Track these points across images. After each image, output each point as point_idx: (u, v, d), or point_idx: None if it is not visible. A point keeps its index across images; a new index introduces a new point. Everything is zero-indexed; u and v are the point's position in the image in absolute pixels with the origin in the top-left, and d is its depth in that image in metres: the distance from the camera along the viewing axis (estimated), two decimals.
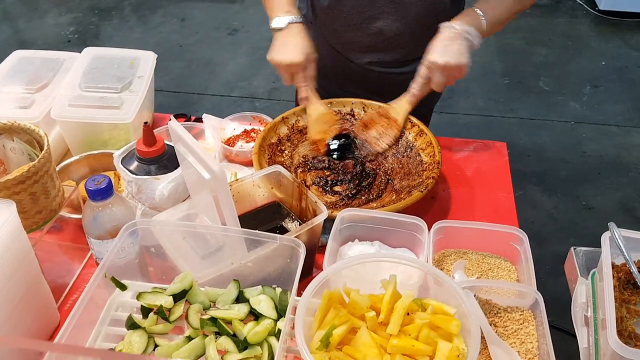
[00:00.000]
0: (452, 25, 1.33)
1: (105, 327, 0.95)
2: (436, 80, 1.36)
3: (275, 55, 1.41)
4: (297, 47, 1.38)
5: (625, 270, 1.04)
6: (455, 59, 1.31)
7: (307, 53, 1.39)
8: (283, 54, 1.39)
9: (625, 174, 3.08)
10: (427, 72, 1.37)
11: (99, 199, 1.04)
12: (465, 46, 1.32)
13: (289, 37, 1.39)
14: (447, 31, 1.34)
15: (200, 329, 0.91)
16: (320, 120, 1.47)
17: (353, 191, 1.40)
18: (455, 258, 1.23)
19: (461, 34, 1.32)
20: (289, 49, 1.38)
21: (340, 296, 0.92)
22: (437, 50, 1.33)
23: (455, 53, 1.31)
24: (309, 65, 1.42)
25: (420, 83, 1.39)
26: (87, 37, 4.30)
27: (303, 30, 1.40)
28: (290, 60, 1.38)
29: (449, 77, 1.35)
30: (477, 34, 1.33)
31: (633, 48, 4.12)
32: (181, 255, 1.02)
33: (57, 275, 1.23)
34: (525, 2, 1.42)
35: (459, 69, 1.33)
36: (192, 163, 1.00)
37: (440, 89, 1.39)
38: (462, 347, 0.84)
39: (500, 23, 1.41)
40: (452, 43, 1.32)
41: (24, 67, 1.57)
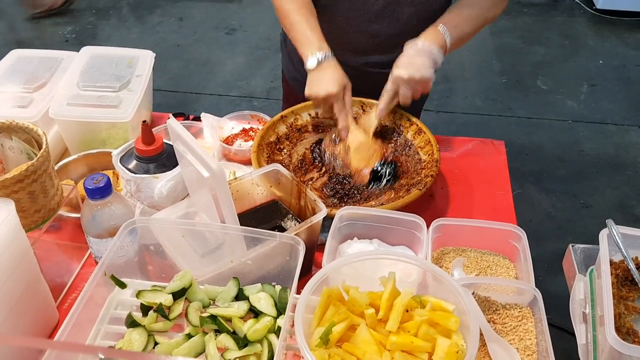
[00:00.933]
0: (416, 43, 1.39)
1: (105, 325, 0.95)
2: (402, 94, 1.41)
3: (312, 90, 1.43)
4: (333, 79, 1.41)
5: (623, 267, 1.05)
6: (419, 72, 1.36)
7: (342, 83, 1.42)
8: (319, 87, 1.41)
9: (623, 172, 3.08)
10: (393, 86, 1.41)
11: (97, 198, 1.04)
12: (428, 61, 1.37)
13: (323, 72, 1.41)
14: (411, 48, 1.39)
15: (200, 326, 0.91)
16: (361, 149, 1.45)
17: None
18: (454, 256, 1.24)
19: (423, 50, 1.38)
20: (324, 82, 1.41)
21: (340, 293, 0.92)
22: (402, 66, 1.38)
23: (419, 67, 1.36)
24: (346, 93, 1.44)
25: (386, 98, 1.43)
26: (85, 37, 4.29)
27: (336, 64, 1.43)
28: (327, 91, 1.40)
29: (414, 91, 1.40)
30: (439, 52, 1.39)
31: (630, 47, 4.13)
32: (180, 253, 1.02)
33: (56, 274, 1.23)
34: (490, 16, 1.46)
35: (423, 83, 1.38)
36: (191, 161, 1.00)
37: (407, 103, 1.43)
38: (461, 344, 0.85)
39: (464, 38, 1.46)
40: (415, 59, 1.37)
41: (22, 66, 1.56)
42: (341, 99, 1.43)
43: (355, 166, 1.44)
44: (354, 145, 1.44)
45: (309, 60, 1.42)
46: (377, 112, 1.45)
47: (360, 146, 1.44)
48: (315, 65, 1.41)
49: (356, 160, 1.44)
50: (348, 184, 1.42)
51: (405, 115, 1.51)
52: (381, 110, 1.45)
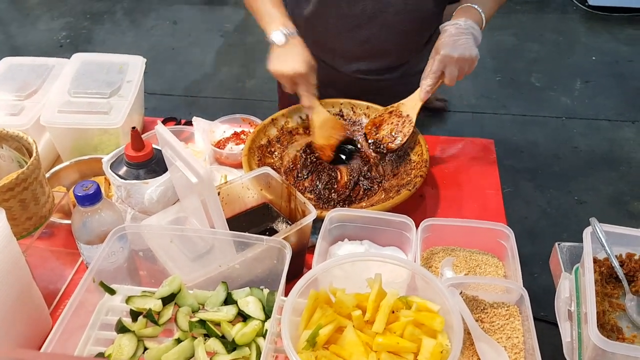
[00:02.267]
0: (457, 22, 1.36)
1: (96, 332, 0.96)
2: (449, 74, 1.37)
3: (277, 66, 1.41)
4: (299, 57, 1.39)
5: (608, 264, 1.06)
6: (467, 51, 1.34)
7: (308, 62, 1.41)
8: (285, 65, 1.40)
9: (617, 168, 3.09)
10: (441, 66, 1.37)
11: (87, 205, 1.05)
12: (472, 40, 1.35)
13: (289, 48, 1.40)
14: (453, 28, 1.36)
15: (189, 331, 0.92)
16: (325, 126, 1.48)
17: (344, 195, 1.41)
18: (444, 255, 1.24)
19: (467, 29, 1.35)
20: (290, 59, 1.39)
21: (327, 296, 0.93)
22: (448, 45, 1.35)
23: (466, 46, 1.34)
24: (310, 73, 1.43)
25: (433, 78, 1.40)
26: (80, 42, 4.30)
27: (302, 42, 1.41)
28: (294, 70, 1.39)
29: (461, 71, 1.37)
30: (478, 29, 1.37)
31: (622, 43, 4.14)
32: (170, 258, 1.03)
33: (49, 281, 1.24)
34: None
35: (471, 61, 1.35)
36: (180, 167, 1.01)
37: (453, 83, 1.39)
38: (445, 343, 0.86)
39: (491, 16, 1.44)
40: (459, 38, 1.34)
41: (13, 74, 1.57)
42: (307, 79, 1.41)
43: (319, 143, 1.47)
44: (318, 123, 1.47)
45: (273, 33, 1.39)
46: (422, 94, 1.43)
47: (324, 124, 1.47)
48: (283, 40, 1.39)
49: (320, 137, 1.47)
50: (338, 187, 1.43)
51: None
52: (427, 92, 1.42)
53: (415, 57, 1.62)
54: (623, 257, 1.09)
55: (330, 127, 1.49)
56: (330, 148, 1.48)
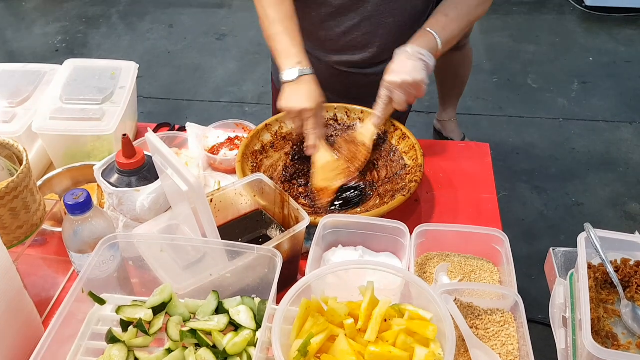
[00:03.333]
0: (405, 49, 1.39)
1: (86, 342, 0.95)
2: (397, 99, 1.40)
3: (286, 102, 1.42)
4: (309, 94, 1.39)
5: (602, 270, 1.05)
6: (411, 76, 1.36)
7: (318, 101, 1.41)
8: (295, 102, 1.40)
9: (614, 170, 3.09)
10: (387, 92, 1.40)
11: (78, 213, 1.04)
12: (420, 65, 1.37)
13: (301, 85, 1.40)
14: (402, 54, 1.40)
15: (180, 341, 0.91)
16: (326, 168, 1.44)
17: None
18: (438, 261, 1.24)
19: (414, 54, 1.38)
20: (300, 96, 1.39)
21: (319, 304, 0.92)
22: (393, 71, 1.39)
23: (411, 71, 1.36)
24: (319, 112, 1.43)
25: (382, 105, 1.42)
26: (75, 46, 4.29)
27: (315, 80, 1.41)
28: (302, 107, 1.39)
29: (409, 95, 1.39)
30: (430, 55, 1.39)
31: (620, 43, 4.13)
32: (161, 266, 1.02)
33: (41, 289, 1.23)
34: (478, 13, 1.47)
35: (416, 86, 1.37)
36: (170, 175, 1.00)
37: (403, 107, 1.42)
38: (438, 352, 0.85)
39: (454, 40, 1.46)
40: (406, 63, 1.38)
41: (5, 80, 1.57)
42: (314, 117, 1.41)
43: (319, 185, 1.42)
44: (319, 164, 1.43)
45: (287, 71, 1.40)
46: (374, 120, 1.45)
47: (326, 165, 1.43)
48: (295, 77, 1.39)
49: (321, 179, 1.43)
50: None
51: (389, 121, 1.51)
52: (378, 118, 1.44)
53: None
54: (618, 262, 1.09)
55: (333, 170, 1.44)
56: (330, 192, 1.42)
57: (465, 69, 2.96)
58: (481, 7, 1.46)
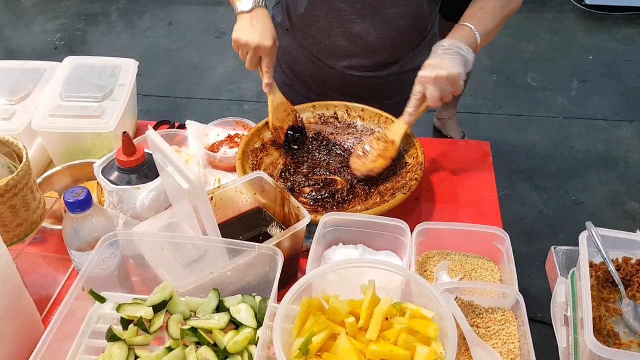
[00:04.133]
0: (442, 44, 1.34)
1: (86, 340, 0.95)
2: (430, 95, 1.32)
3: (243, 35, 1.37)
4: (266, 30, 1.36)
5: (604, 269, 1.05)
6: (446, 70, 1.29)
7: (274, 38, 1.38)
8: (251, 35, 1.35)
9: (614, 168, 3.08)
10: (421, 88, 1.33)
11: (78, 211, 1.04)
12: (458, 59, 1.31)
13: (256, 19, 1.36)
14: (439, 49, 1.34)
15: (181, 339, 0.91)
16: (280, 109, 1.49)
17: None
18: (439, 259, 1.24)
19: (451, 48, 1.32)
20: (257, 31, 1.35)
21: (320, 303, 0.92)
22: (429, 66, 1.32)
23: (446, 65, 1.30)
24: (273, 50, 1.40)
25: (415, 102, 1.36)
26: (75, 44, 4.28)
27: (268, 15, 1.39)
28: (259, 42, 1.35)
29: (444, 91, 1.32)
30: (468, 48, 1.33)
31: (620, 42, 4.13)
32: (162, 265, 1.02)
33: (41, 287, 1.23)
34: (512, 7, 1.42)
35: (452, 80, 1.30)
36: (171, 173, 1.00)
37: (437, 104, 1.34)
38: (440, 351, 0.85)
39: (492, 33, 1.41)
40: (443, 58, 1.31)
41: (5, 78, 1.56)
42: (270, 55, 1.38)
43: (275, 124, 1.48)
44: (275, 104, 1.48)
45: (239, 3, 1.37)
46: (405, 117, 1.40)
47: (280, 106, 1.49)
48: (249, 8, 1.35)
49: (276, 119, 1.48)
50: (334, 189, 1.42)
51: (390, 119, 1.51)
52: (410, 115, 1.39)
53: (409, 55, 1.61)
54: (620, 261, 1.08)
55: (284, 111, 1.50)
56: (282, 131, 1.50)
57: None
58: (514, 0, 1.41)
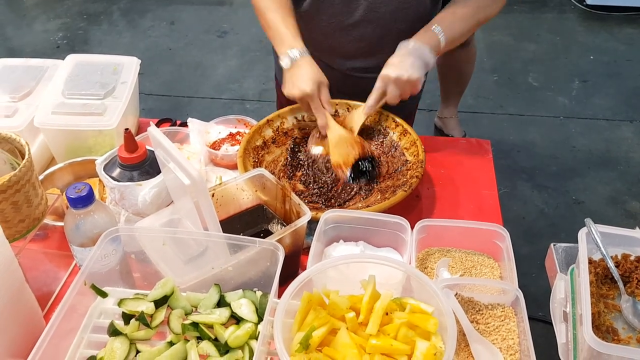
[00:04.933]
0: (408, 43, 1.39)
1: (88, 334, 0.95)
2: (390, 93, 1.40)
3: (289, 90, 1.44)
4: (308, 78, 1.40)
5: (603, 265, 1.05)
6: (407, 72, 1.35)
7: (317, 82, 1.42)
8: (295, 88, 1.42)
9: (615, 168, 3.09)
10: (382, 84, 1.41)
11: (80, 207, 1.04)
12: (419, 63, 1.37)
13: (298, 71, 1.41)
14: (403, 48, 1.39)
15: (182, 334, 0.92)
16: (341, 144, 1.45)
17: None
18: (439, 256, 1.24)
19: (414, 51, 1.38)
20: (300, 81, 1.41)
21: (320, 298, 0.93)
22: (391, 65, 1.38)
23: (408, 67, 1.36)
24: (322, 91, 1.44)
25: (375, 95, 1.43)
26: (76, 43, 4.29)
27: (310, 61, 1.42)
28: (302, 92, 1.40)
29: (403, 91, 1.40)
30: (431, 53, 1.39)
31: (621, 42, 4.13)
32: (163, 260, 1.03)
33: (43, 284, 1.23)
34: (486, 14, 1.46)
35: (411, 84, 1.38)
36: (173, 169, 1.01)
37: (394, 101, 1.42)
38: (439, 345, 0.85)
39: (458, 39, 1.46)
40: (406, 59, 1.37)
41: (7, 75, 1.57)
42: (317, 97, 1.42)
43: (336, 161, 1.44)
44: (333, 141, 1.45)
45: (282, 59, 1.42)
46: (365, 109, 1.46)
47: (340, 141, 1.45)
48: (289, 64, 1.41)
49: (337, 155, 1.45)
50: (334, 186, 1.43)
51: (390, 117, 1.51)
52: (369, 107, 1.45)
53: None
54: (618, 257, 1.09)
55: (347, 145, 1.45)
56: (346, 165, 1.43)
57: (469, 67, 2.96)
58: (490, 8, 1.45)
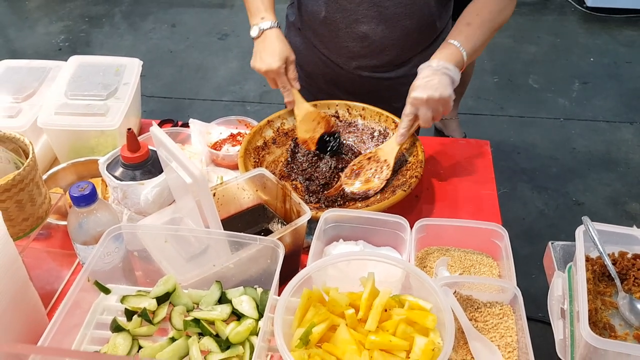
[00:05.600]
0: (430, 64, 1.35)
1: (91, 330, 0.97)
2: (423, 116, 1.35)
3: (255, 63, 1.46)
4: (274, 52, 1.42)
5: (600, 263, 1.07)
6: (438, 92, 1.31)
7: (283, 57, 1.43)
8: (261, 61, 1.43)
9: (615, 169, 3.10)
10: (413, 109, 1.36)
11: (83, 205, 1.06)
12: (446, 80, 1.33)
13: (265, 44, 1.43)
14: (426, 70, 1.35)
15: (184, 330, 0.93)
16: (307, 120, 1.51)
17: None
18: (438, 255, 1.25)
19: (439, 69, 1.33)
20: (266, 55, 1.42)
21: (320, 295, 0.94)
22: (419, 87, 1.34)
23: (437, 87, 1.32)
24: (288, 68, 1.45)
25: (407, 122, 1.38)
26: (78, 45, 4.31)
27: (278, 35, 1.43)
28: (268, 66, 1.42)
29: (435, 112, 1.35)
30: (455, 68, 1.34)
31: (621, 44, 4.15)
32: (165, 258, 1.04)
33: (46, 282, 1.24)
34: (501, 20, 1.42)
35: (444, 102, 1.33)
36: (175, 168, 1.02)
37: (428, 125, 1.37)
38: (437, 341, 0.86)
39: (479, 49, 1.42)
40: (432, 79, 1.33)
41: (10, 76, 1.58)
42: (283, 74, 1.43)
43: (302, 137, 1.49)
44: (299, 117, 1.49)
45: (251, 29, 1.44)
46: (398, 138, 1.41)
47: (306, 117, 1.50)
48: (255, 34, 1.42)
49: (303, 131, 1.49)
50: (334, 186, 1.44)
51: (390, 118, 1.52)
52: (402, 136, 1.40)
53: (420, 56, 1.62)
54: (616, 255, 1.10)
55: (312, 120, 1.51)
56: (312, 141, 1.50)
57: (468, 68, 2.98)
58: (504, 12, 1.41)
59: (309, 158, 1.51)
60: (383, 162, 1.43)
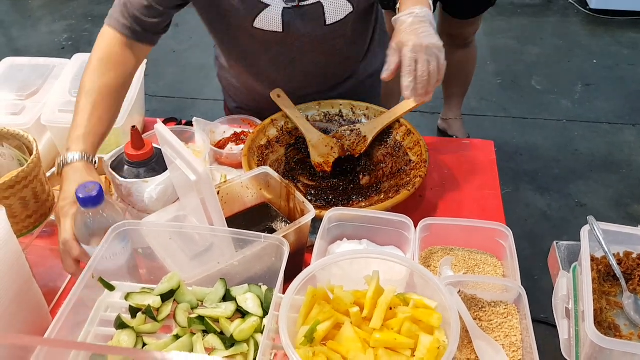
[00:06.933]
0: (413, 11, 1.17)
1: (95, 328, 0.96)
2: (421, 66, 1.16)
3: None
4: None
5: (605, 263, 1.06)
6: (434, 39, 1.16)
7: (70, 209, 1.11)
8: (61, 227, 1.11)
9: (617, 171, 3.09)
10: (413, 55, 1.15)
11: (89, 207, 1.05)
12: (432, 29, 1.17)
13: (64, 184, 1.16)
14: (410, 17, 1.16)
15: (188, 327, 0.93)
16: (320, 145, 1.49)
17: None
18: (442, 255, 1.25)
19: (425, 17, 1.17)
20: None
21: (325, 293, 0.94)
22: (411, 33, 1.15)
23: (433, 35, 1.17)
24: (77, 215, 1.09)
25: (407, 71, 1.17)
26: (81, 44, 4.31)
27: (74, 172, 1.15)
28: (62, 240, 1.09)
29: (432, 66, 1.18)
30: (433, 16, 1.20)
31: (624, 46, 4.14)
32: (169, 256, 1.04)
33: (49, 280, 1.24)
34: None
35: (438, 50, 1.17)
36: (179, 166, 1.02)
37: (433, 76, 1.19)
38: (442, 340, 0.86)
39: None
40: (419, 27, 1.16)
41: (14, 74, 1.59)
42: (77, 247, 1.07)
43: (316, 161, 1.48)
44: (312, 142, 1.49)
45: (58, 157, 1.18)
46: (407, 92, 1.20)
47: (319, 142, 1.50)
48: (58, 168, 1.17)
49: (316, 155, 1.49)
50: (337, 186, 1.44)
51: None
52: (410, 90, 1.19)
53: (362, 64, 1.64)
54: (621, 255, 1.10)
55: (325, 146, 1.50)
56: (327, 165, 1.48)
57: (470, 67, 2.98)
58: None
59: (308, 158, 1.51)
60: (362, 137, 1.49)
